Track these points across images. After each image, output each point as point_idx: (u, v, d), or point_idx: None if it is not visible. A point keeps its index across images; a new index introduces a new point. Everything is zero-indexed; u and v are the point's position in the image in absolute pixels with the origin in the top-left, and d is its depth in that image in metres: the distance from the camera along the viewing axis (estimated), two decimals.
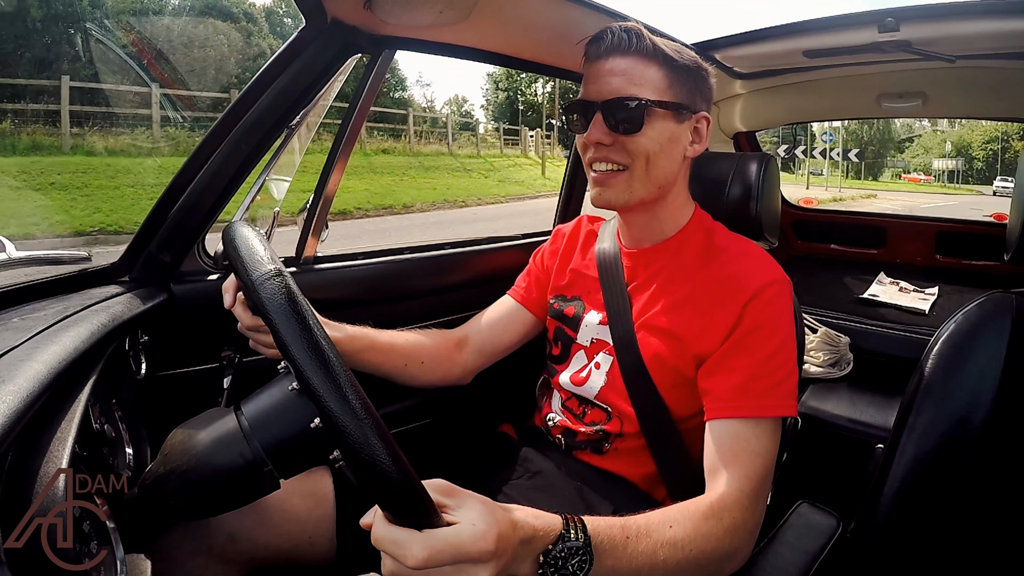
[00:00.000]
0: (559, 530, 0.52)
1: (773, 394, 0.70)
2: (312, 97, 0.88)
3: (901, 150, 30.24)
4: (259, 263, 0.53)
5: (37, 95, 9.90)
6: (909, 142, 29.96)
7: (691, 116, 0.79)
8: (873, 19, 1.12)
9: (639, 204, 0.80)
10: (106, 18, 14.51)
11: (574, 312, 0.90)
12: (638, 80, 0.75)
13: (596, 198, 0.80)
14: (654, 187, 0.79)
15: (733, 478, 0.66)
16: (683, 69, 0.77)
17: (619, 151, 0.76)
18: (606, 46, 0.75)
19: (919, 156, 29.26)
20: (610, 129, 0.75)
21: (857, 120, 19.56)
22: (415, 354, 0.92)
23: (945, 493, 0.74)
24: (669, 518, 0.60)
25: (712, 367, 0.74)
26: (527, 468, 0.87)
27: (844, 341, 1.52)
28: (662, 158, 0.77)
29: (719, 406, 0.71)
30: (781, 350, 0.72)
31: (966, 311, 0.76)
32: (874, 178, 28.75)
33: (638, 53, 0.75)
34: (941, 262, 1.92)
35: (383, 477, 0.42)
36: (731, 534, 0.62)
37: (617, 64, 0.75)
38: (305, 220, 1.06)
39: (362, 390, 0.45)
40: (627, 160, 0.76)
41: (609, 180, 0.78)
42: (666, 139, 0.77)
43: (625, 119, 0.74)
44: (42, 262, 0.79)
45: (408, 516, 0.44)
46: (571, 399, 0.88)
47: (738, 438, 0.69)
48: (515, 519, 0.50)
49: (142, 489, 0.54)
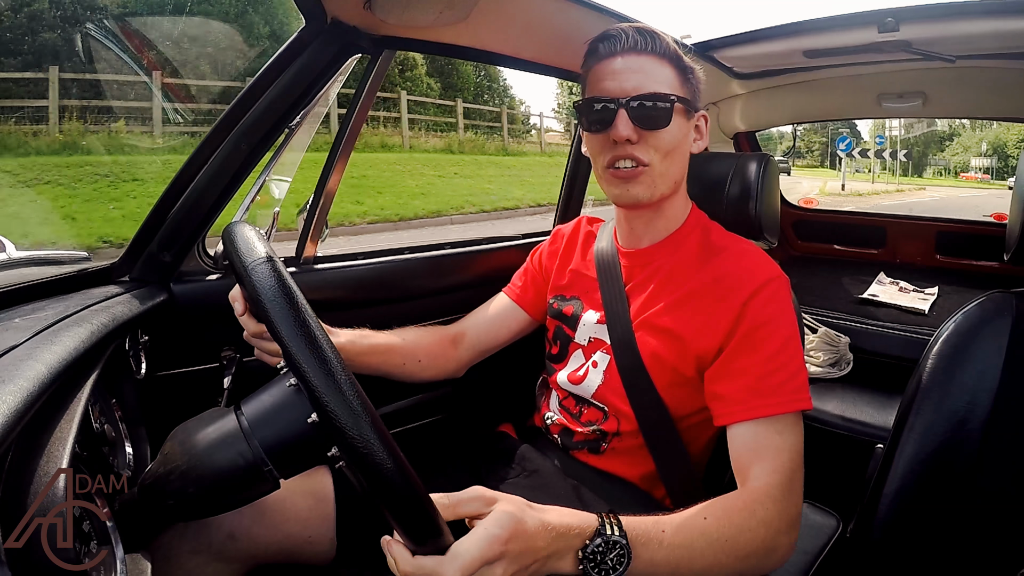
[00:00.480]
0: (595, 526, 0.55)
1: (785, 390, 0.70)
2: (312, 97, 0.88)
3: (942, 149, 32.05)
4: (251, 251, 0.54)
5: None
6: (950, 140, 31.26)
7: (695, 114, 0.81)
8: (873, 19, 1.12)
9: (659, 200, 0.81)
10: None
11: (572, 311, 0.91)
12: (658, 78, 0.75)
13: (622, 195, 0.78)
14: (672, 183, 0.80)
15: (761, 473, 0.67)
16: (688, 69, 0.79)
17: (644, 148, 0.76)
18: (621, 45, 0.76)
19: (958, 155, 30.47)
20: (637, 125, 0.75)
21: (903, 122, 23.35)
22: (413, 352, 0.94)
23: (945, 493, 0.74)
24: (702, 510, 0.62)
25: (720, 371, 0.74)
26: (524, 467, 0.87)
27: (844, 341, 1.52)
28: (679, 154, 0.79)
29: (735, 410, 0.71)
30: (787, 345, 0.72)
31: (966, 311, 0.76)
32: (919, 175, 30.81)
33: (653, 53, 0.76)
34: (941, 262, 1.92)
35: (406, 513, 0.46)
36: (765, 526, 0.63)
37: (634, 62, 0.75)
38: (305, 221, 1.06)
39: (371, 406, 0.46)
40: (650, 157, 0.76)
41: (635, 176, 0.77)
42: (682, 136, 0.78)
43: (652, 115, 0.75)
44: (42, 262, 0.79)
45: (428, 545, 0.47)
46: (568, 398, 0.89)
47: (758, 437, 0.69)
48: (546, 519, 0.53)
49: (142, 489, 0.54)
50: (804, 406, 0.71)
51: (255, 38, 10.87)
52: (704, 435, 0.83)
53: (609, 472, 0.83)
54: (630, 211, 0.86)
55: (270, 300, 0.48)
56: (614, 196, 0.80)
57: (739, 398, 0.71)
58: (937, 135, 31.34)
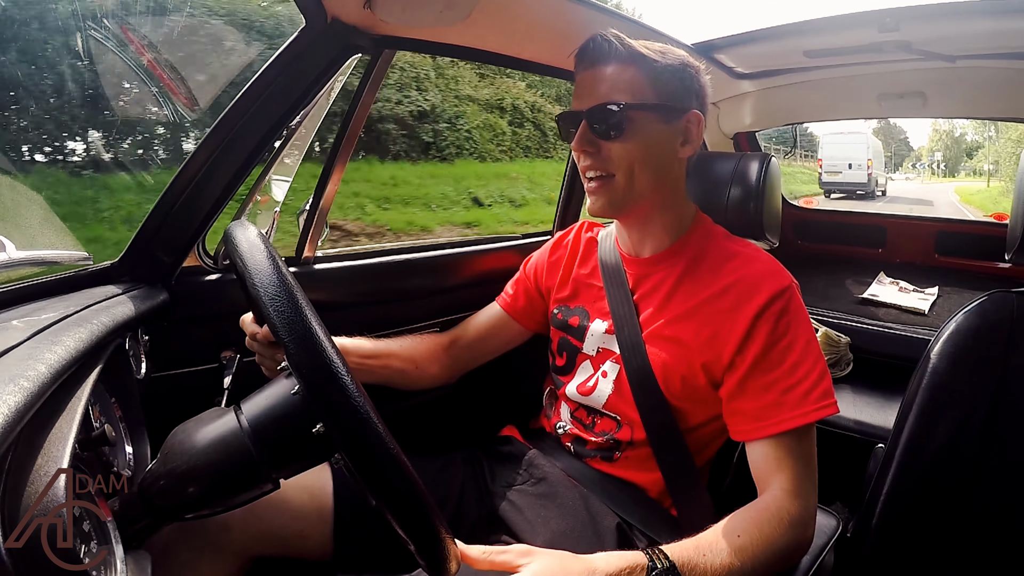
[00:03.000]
0: (645, 563, 0.60)
1: (810, 399, 0.70)
2: (312, 97, 0.88)
3: (971, 156, 40.68)
4: (254, 252, 0.55)
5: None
6: (976, 151, 38.82)
7: (681, 116, 0.77)
8: (873, 19, 1.12)
9: (634, 211, 0.80)
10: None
11: (579, 322, 0.90)
12: (620, 86, 0.74)
13: (590, 207, 0.81)
14: (646, 192, 0.78)
15: (784, 480, 0.69)
16: (667, 69, 0.75)
17: (603, 158, 0.76)
18: (589, 57, 0.76)
19: (981, 162, 36.04)
20: (594, 136, 0.75)
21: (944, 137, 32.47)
22: (410, 359, 0.95)
23: (945, 493, 0.74)
24: (735, 528, 0.65)
25: (741, 387, 0.73)
26: (532, 474, 0.87)
27: (844, 341, 1.52)
28: (650, 162, 0.76)
29: (761, 426, 0.71)
30: (808, 354, 0.72)
31: (966, 311, 0.76)
32: (953, 175, 40.53)
33: (616, 59, 0.74)
34: (941, 262, 1.92)
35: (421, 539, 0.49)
36: (793, 527, 0.67)
37: (600, 72, 0.75)
38: (304, 221, 1.06)
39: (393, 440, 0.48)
40: (611, 167, 0.76)
41: (598, 189, 0.78)
42: (653, 142, 0.76)
43: (606, 125, 0.74)
44: (42, 262, 0.79)
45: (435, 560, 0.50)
46: (579, 410, 0.88)
47: (780, 447, 0.70)
48: (594, 566, 0.58)
49: (142, 489, 0.54)
50: (830, 412, 0.71)
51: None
52: (712, 445, 0.83)
53: (621, 478, 0.83)
54: (618, 220, 0.86)
55: (277, 311, 0.48)
56: (588, 207, 0.82)
57: (765, 415, 0.71)
58: (966, 147, 41.98)
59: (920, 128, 68.76)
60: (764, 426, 0.71)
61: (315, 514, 0.80)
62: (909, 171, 42.34)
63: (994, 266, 1.81)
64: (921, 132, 68.69)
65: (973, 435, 0.72)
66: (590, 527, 0.78)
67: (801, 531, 0.68)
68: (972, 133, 40.06)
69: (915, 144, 55.44)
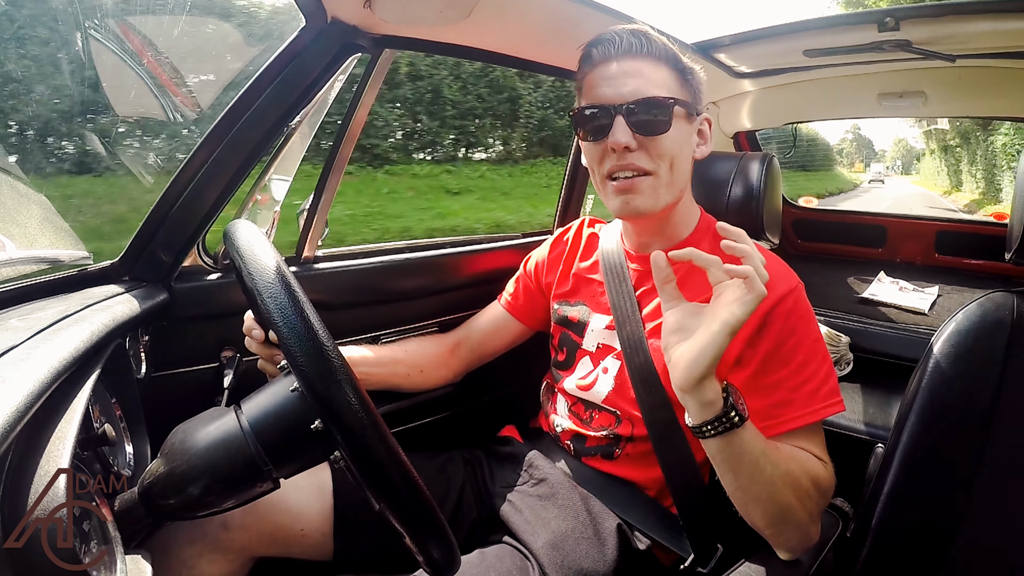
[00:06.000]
0: (721, 409, 0.60)
1: (818, 397, 0.71)
2: (312, 97, 0.88)
3: (919, 159, 47.93)
4: (254, 252, 0.55)
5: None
6: (920, 157, 45.46)
7: (697, 117, 0.78)
8: (873, 18, 1.12)
9: (664, 210, 0.78)
10: None
11: (579, 317, 0.89)
12: (656, 81, 0.73)
13: (623, 208, 0.76)
14: (678, 191, 0.77)
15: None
16: (687, 71, 0.77)
17: (644, 156, 0.73)
18: (616, 49, 0.73)
19: (922, 163, 41.12)
20: (635, 132, 0.72)
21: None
22: (415, 363, 0.95)
23: (945, 493, 0.74)
24: (797, 456, 0.68)
25: (748, 386, 0.73)
26: (532, 475, 0.87)
27: (844, 341, 1.51)
28: (682, 160, 0.76)
29: (768, 424, 0.71)
30: (815, 353, 0.72)
31: (966, 311, 0.76)
32: (908, 174, 52.98)
33: (649, 55, 0.73)
34: (941, 261, 1.92)
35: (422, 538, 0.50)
36: (824, 498, 0.69)
37: (630, 66, 0.73)
38: (305, 220, 1.06)
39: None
40: (653, 165, 0.73)
41: (637, 186, 0.74)
42: (684, 140, 0.76)
43: (651, 120, 0.72)
44: (42, 262, 0.79)
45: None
46: (577, 404, 0.88)
47: (791, 445, 0.70)
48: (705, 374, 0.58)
49: (142, 489, 0.54)
50: (838, 409, 0.71)
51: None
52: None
53: (621, 478, 0.83)
54: (634, 222, 0.84)
55: (283, 320, 0.49)
56: (615, 209, 0.77)
57: (775, 413, 0.71)
58: (915, 154, 52.41)
59: (884, 137, 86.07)
60: (774, 424, 0.71)
61: (315, 514, 0.80)
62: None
63: (994, 266, 1.81)
64: (885, 140, 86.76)
65: (973, 435, 0.72)
66: (590, 528, 0.78)
67: (818, 515, 0.68)
68: (919, 143, 48.35)
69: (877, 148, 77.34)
